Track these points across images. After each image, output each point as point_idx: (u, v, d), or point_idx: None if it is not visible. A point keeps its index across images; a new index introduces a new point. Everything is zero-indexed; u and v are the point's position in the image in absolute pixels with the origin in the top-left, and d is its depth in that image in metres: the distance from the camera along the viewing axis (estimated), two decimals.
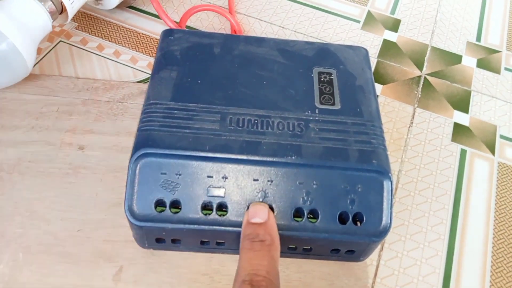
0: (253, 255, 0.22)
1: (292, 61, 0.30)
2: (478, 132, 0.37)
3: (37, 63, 0.38)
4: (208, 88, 0.28)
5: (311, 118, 0.27)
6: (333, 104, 0.28)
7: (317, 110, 0.27)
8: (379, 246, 0.30)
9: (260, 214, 0.24)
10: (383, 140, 0.26)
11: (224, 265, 0.28)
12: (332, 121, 0.27)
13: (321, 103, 0.28)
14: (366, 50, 0.32)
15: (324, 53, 0.31)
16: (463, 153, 0.36)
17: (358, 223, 0.25)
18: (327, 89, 0.29)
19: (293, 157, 0.25)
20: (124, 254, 0.28)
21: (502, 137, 0.37)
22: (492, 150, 0.36)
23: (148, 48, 0.41)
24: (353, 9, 0.47)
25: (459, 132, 0.37)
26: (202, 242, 0.26)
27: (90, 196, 0.30)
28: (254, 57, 0.30)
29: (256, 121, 0.26)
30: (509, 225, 0.32)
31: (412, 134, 0.37)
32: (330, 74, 0.30)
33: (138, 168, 0.24)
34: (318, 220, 0.24)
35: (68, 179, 0.30)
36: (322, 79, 0.29)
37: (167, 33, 0.31)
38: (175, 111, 0.26)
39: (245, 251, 0.22)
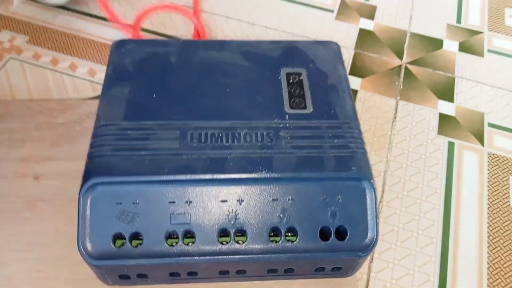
0: None
1: (257, 64, 0.28)
2: (465, 121, 0.35)
3: None
4: (165, 102, 0.25)
5: (281, 125, 0.24)
6: (305, 107, 0.25)
7: (287, 116, 0.25)
8: (369, 258, 0.28)
9: None
10: (361, 142, 0.24)
11: None
12: (305, 126, 0.24)
13: (291, 107, 0.25)
14: (337, 45, 0.29)
15: (291, 51, 0.28)
16: (451, 146, 0.34)
17: (342, 238, 0.23)
18: (297, 91, 0.26)
19: (264, 172, 0.22)
20: None
21: (490, 125, 0.35)
22: (481, 140, 0.34)
23: (107, 57, 0.38)
24: None
25: (445, 123, 0.35)
26: (172, 274, 0.24)
27: (48, 232, 0.27)
28: (215, 63, 0.27)
29: (220, 135, 0.24)
30: (504, 221, 0.30)
31: (396, 130, 0.34)
32: (300, 74, 0.27)
33: (89, 200, 0.22)
34: (298, 238, 0.22)
35: (24, 214, 0.28)
36: (291, 81, 0.27)
37: (119, 45, 0.28)
38: (129, 132, 0.23)
39: None
